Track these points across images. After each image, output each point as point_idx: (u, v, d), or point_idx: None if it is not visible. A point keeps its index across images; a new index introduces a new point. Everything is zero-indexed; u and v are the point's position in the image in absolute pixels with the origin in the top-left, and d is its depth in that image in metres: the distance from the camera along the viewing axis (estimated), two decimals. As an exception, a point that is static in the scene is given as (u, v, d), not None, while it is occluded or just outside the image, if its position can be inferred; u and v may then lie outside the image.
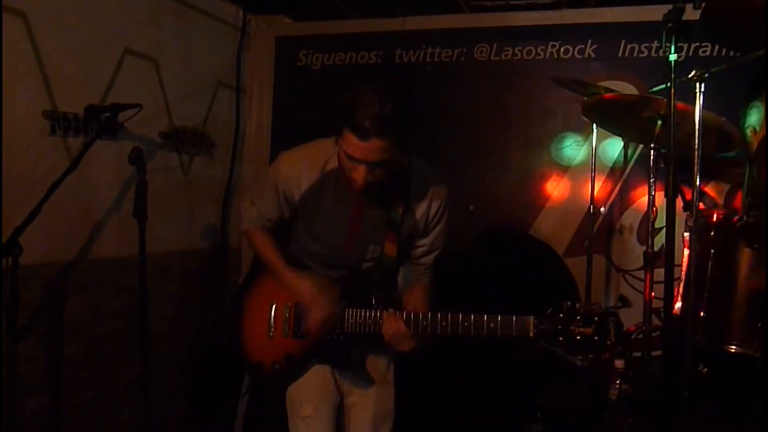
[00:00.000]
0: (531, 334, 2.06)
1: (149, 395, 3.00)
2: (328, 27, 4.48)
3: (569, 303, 2.05)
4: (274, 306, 2.44)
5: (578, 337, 2.01)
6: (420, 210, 2.35)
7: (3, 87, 2.79)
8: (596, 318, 2.00)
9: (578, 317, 2.02)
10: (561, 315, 2.04)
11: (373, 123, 1.98)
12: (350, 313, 2.33)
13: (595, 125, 3.62)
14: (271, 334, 2.43)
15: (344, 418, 2.52)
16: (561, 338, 2.03)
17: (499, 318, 2.10)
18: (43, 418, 3.06)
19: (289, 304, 2.42)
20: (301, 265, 2.44)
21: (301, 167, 2.34)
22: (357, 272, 2.39)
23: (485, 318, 2.11)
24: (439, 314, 2.19)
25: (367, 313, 2.30)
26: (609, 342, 1.99)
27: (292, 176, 2.35)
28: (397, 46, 4.32)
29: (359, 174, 2.08)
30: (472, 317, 2.13)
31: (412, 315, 2.22)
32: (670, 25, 2.10)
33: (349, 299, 2.34)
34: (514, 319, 2.08)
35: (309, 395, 2.45)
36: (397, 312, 2.24)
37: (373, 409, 2.47)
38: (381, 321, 2.25)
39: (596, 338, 1.99)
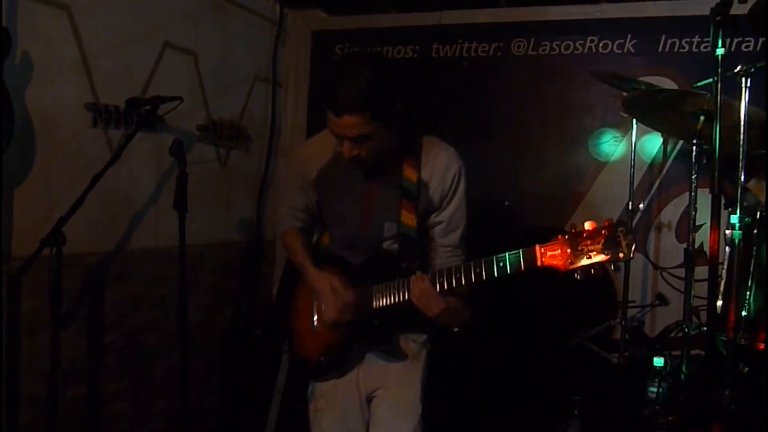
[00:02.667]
0: (539, 263, 1.95)
1: (187, 385, 3.03)
2: (364, 21, 4.49)
3: (574, 225, 1.96)
4: (315, 301, 2.45)
5: (588, 256, 1.90)
6: (434, 181, 2.31)
7: (47, 80, 2.84)
8: (603, 232, 1.88)
9: (584, 235, 1.91)
10: (567, 237, 1.93)
11: (344, 99, 2.04)
12: (377, 288, 2.30)
13: (634, 120, 3.58)
14: (315, 328, 2.44)
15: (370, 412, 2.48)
16: (570, 261, 1.91)
17: (507, 256, 2.01)
18: (82, 406, 3.12)
19: None
20: (333, 257, 2.45)
21: (316, 148, 2.45)
22: (378, 250, 2.37)
23: (494, 259, 2.03)
24: (452, 267, 2.14)
25: (394, 283, 2.25)
26: (621, 254, 1.85)
27: (307, 157, 2.47)
28: (434, 41, 4.32)
29: (345, 149, 2.16)
30: (483, 261, 2.05)
31: (429, 274, 2.18)
32: (718, 18, 2.06)
33: (375, 277, 2.32)
34: (521, 252, 1.98)
35: (322, 389, 2.47)
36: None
37: (393, 404, 2.40)
38: (407, 286, 2.20)
39: (606, 252, 1.87)
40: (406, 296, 2.21)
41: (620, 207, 3.86)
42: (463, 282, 2.10)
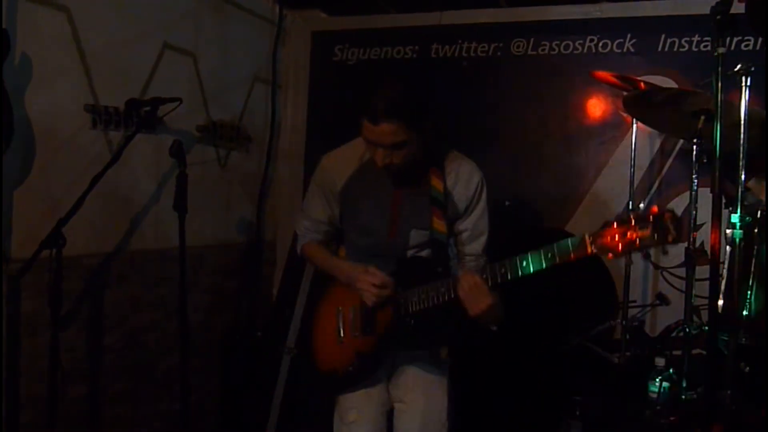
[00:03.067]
0: (589, 251, 1.96)
1: (187, 385, 3.03)
2: (363, 21, 4.49)
3: (623, 211, 1.99)
4: (340, 312, 2.46)
5: (638, 242, 1.90)
6: (458, 189, 2.39)
7: (47, 81, 2.84)
8: (651, 218, 1.89)
9: (633, 222, 1.91)
10: (615, 224, 1.94)
11: (382, 107, 2.11)
12: (413, 291, 2.31)
13: (634, 120, 3.58)
14: (341, 339, 2.45)
15: (393, 424, 2.48)
16: (620, 247, 1.93)
17: (554, 246, 2.01)
18: (83, 407, 3.12)
19: (354, 304, 2.42)
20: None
21: (341, 160, 2.49)
22: (404, 257, 2.41)
23: (541, 251, 2.03)
24: (495, 264, 2.15)
25: (433, 285, 2.27)
26: (671, 238, 1.86)
27: (333, 168, 2.50)
28: (433, 41, 4.31)
29: (378, 156, 2.22)
30: (529, 254, 2.05)
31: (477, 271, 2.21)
32: (718, 17, 2.05)
33: (410, 281, 2.34)
34: (569, 241, 2.00)
35: (355, 401, 2.45)
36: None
37: (421, 418, 2.41)
38: (453, 284, 2.20)
39: (656, 237, 1.87)
40: (449, 296, 2.22)
41: (620, 207, 3.84)
42: (509, 277, 2.10)
